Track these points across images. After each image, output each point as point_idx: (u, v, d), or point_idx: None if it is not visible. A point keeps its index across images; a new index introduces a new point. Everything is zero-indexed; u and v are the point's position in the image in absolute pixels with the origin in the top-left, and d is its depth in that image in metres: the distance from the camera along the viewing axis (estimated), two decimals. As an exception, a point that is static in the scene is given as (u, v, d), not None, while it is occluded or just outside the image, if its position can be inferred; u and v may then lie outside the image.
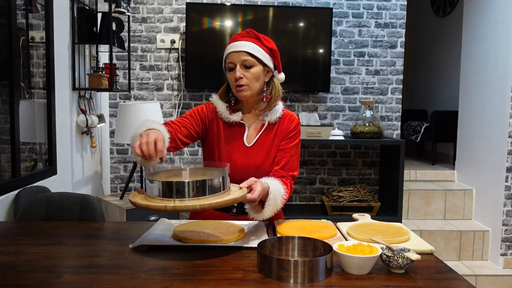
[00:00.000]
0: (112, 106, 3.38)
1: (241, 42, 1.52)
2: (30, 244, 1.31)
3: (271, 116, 1.59)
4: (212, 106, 1.62)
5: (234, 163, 1.55)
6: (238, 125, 1.60)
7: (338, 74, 3.45)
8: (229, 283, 1.03)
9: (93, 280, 1.04)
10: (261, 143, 1.59)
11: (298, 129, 1.63)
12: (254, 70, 1.52)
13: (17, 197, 1.93)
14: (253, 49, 1.51)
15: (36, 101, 2.29)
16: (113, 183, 3.44)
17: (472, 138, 3.60)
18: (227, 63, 1.54)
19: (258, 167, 1.56)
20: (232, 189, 1.29)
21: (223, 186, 1.21)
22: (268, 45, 1.55)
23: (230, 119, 1.59)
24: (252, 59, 1.51)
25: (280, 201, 1.45)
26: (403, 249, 1.14)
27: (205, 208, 1.14)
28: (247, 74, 1.52)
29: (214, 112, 1.61)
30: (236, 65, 1.52)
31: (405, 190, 3.49)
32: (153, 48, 3.37)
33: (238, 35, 1.56)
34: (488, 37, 3.38)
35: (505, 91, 3.13)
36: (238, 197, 1.21)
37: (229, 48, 1.54)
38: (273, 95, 1.59)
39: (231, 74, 1.54)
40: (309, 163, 3.51)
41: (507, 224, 3.18)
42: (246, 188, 1.31)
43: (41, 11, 2.28)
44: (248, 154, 1.57)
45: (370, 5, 3.41)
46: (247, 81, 1.52)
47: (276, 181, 1.47)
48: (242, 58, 1.51)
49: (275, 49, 1.57)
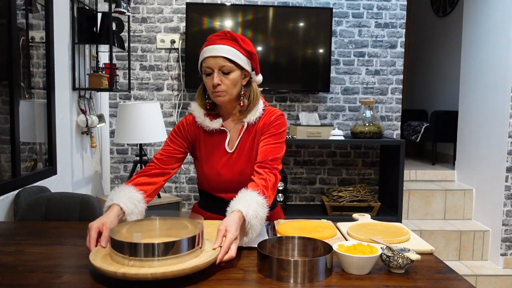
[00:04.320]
0: (112, 106, 3.38)
1: (218, 46, 1.44)
2: (30, 244, 1.31)
3: (250, 117, 1.52)
4: (191, 117, 1.57)
5: (217, 172, 1.52)
6: (219, 132, 1.55)
7: (338, 74, 3.45)
8: (229, 283, 1.03)
9: (93, 280, 1.04)
10: (242, 146, 1.54)
11: (279, 121, 1.52)
12: (232, 76, 1.45)
13: (17, 197, 1.93)
14: (231, 53, 1.44)
15: (36, 101, 2.29)
16: (113, 183, 3.44)
17: (472, 138, 3.60)
18: (204, 68, 1.46)
19: (241, 172, 1.51)
20: (205, 245, 1.14)
21: (192, 245, 1.06)
22: (246, 47, 1.48)
23: (210, 127, 1.53)
24: (230, 65, 1.44)
25: (263, 212, 1.28)
26: (403, 249, 1.14)
27: (157, 278, 0.98)
28: (225, 80, 1.45)
29: (193, 123, 1.56)
30: (213, 70, 1.44)
31: (405, 190, 3.49)
32: (153, 48, 3.37)
33: (215, 36, 1.49)
34: (488, 37, 3.38)
35: (505, 91, 3.13)
36: (201, 264, 1.03)
37: (205, 52, 1.46)
38: (251, 99, 1.53)
39: (208, 79, 1.46)
40: (309, 163, 3.51)
41: (507, 224, 3.18)
42: (218, 247, 1.12)
43: (41, 11, 2.28)
44: (230, 161, 1.53)
45: (370, 5, 3.41)
46: (225, 87, 1.45)
47: (246, 199, 1.28)
48: (220, 64, 1.43)
49: (253, 52, 1.50)
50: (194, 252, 1.06)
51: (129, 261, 1.01)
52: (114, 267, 1.00)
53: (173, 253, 1.02)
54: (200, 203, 1.68)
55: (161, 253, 1.01)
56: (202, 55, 1.48)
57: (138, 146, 3.06)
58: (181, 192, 3.47)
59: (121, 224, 1.15)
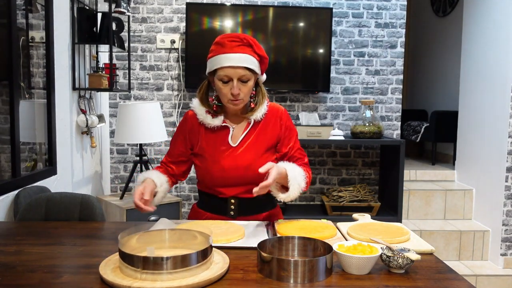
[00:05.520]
0: (112, 106, 3.38)
1: (238, 55, 1.44)
2: (30, 244, 1.31)
3: (257, 114, 1.56)
4: (192, 113, 1.60)
5: (221, 165, 1.53)
6: (221, 127, 1.57)
7: (338, 74, 3.45)
8: (229, 283, 1.03)
9: (93, 280, 1.04)
10: (248, 142, 1.56)
11: (289, 121, 1.63)
12: (250, 84, 1.49)
13: (17, 197, 1.93)
14: (250, 62, 1.46)
15: (36, 101, 2.29)
16: (113, 183, 3.44)
17: (472, 138, 3.60)
18: (222, 76, 1.46)
19: (247, 167, 1.52)
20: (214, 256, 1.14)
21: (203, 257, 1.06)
22: (259, 52, 1.50)
23: (212, 124, 1.56)
24: (249, 73, 1.47)
25: (302, 180, 1.48)
26: (403, 249, 1.14)
27: None
28: (243, 89, 1.48)
29: (194, 119, 1.59)
30: (232, 79, 1.45)
31: (405, 190, 3.49)
32: (153, 48, 3.37)
33: (230, 41, 1.46)
34: (488, 37, 3.38)
35: (505, 91, 3.13)
36: (213, 277, 1.03)
37: (224, 60, 1.45)
38: (260, 99, 1.57)
39: (225, 87, 1.47)
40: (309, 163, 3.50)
41: (507, 224, 3.18)
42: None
43: (41, 11, 2.28)
44: (234, 155, 1.54)
45: (370, 5, 3.41)
46: (243, 95, 1.49)
47: (293, 164, 1.50)
48: (241, 74, 1.45)
49: (265, 56, 1.53)
50: (205, 264, 1.06)
51: (141, 275, 1.01)
52: (127, 281, 1.00)
53: (185, 265, 1.02)
54: (199, 203, 1.68)
55: (174, 266, 1.01)
56: (218, 62, 1.46)
57: (138, 146, 3.06)
58: (181, 192, 3.47)
59: (131, 235, 1.14)
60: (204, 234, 1.15)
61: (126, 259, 1.03)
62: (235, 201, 1.57)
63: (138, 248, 1.13)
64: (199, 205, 1.67)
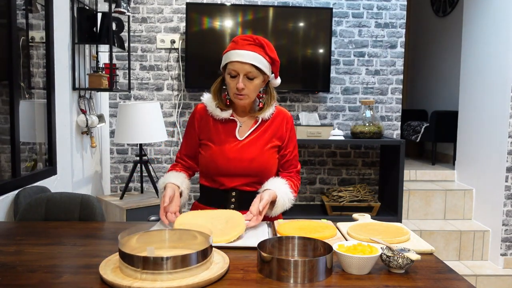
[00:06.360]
0: (112, 106, 3.38)
1: (246, 52, 1.52)
2: (30, 244, 1.31)
3: (265, 114, 1.64)
4: (201, 106, 1.68)
5: (226, 156, 1.58)
6: (229, 121, 1.64)
7: (338, 74, 3.45)
8: (229, 283, 1.03)
9: (93, 280, 1.04)
10: (255, 137, 1.62)
11: (293, 128, 1.72)
12: (256, 82, 1.56)
13: (17, 197, 1.93)
14: (258, 61, 1.53)
15: (36, 101, 2.29)
16: (113, 183, 3.44)
17: (472, 138, 3.60)
18: (230, 70, 1.54)
19: (251, 160, 1.59)
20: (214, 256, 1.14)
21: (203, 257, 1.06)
22: (271, 54, 1.58)
23: (220, 116, 1.63)
24: (256, 71, 1.54)
25: (289, 203, 1.58)
26: (403, 249, 1.14)
27: None
28: (249, 85, 1.55)
29: (204, 111, 1.67)
30: (239, 74, 1.53)
31: (405, 190, 3.49)
32: (153, 48, 3.37)
33: (243, 40, 1.55)
34: (488, 37, 3.38)
35: (505, 91, 3.13)
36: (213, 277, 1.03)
37: (233, 55, 1.53)
38: (268, 100, 1.65)
39: (232, 81, 1.55)
40: (309, 163, 3.51)
41: (507, 224, 3.18)
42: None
43: (41, 11, 2.28)
44: (240, 148, 1.60)
45: (370, 5, 3.41)
46: (248, 91, 1.56)
47: (284, 186, 1.58)
48: (247, 70, 1.52)
49: (276, 58, 1.61)
50: (204, 264, 1.06)
51: (141, 275, 1.01)
52: (127, 281, 1.00)
53: (185, 266, 1.02)
54: (200, 199, 1.71)
55: (174, 266, 1.01)
56: (229, 57, 1.55)
57: (138, 146, 3.06)
58: (181, 192, 3.47)
59: (131, 235, 1.14)
60: (204, 234, 1.15)
61: (126, 259, 1.03)
62: (235, 193, 1.60)
63: (138, 248, 1.13)
64: (200, 200, 1.70)
